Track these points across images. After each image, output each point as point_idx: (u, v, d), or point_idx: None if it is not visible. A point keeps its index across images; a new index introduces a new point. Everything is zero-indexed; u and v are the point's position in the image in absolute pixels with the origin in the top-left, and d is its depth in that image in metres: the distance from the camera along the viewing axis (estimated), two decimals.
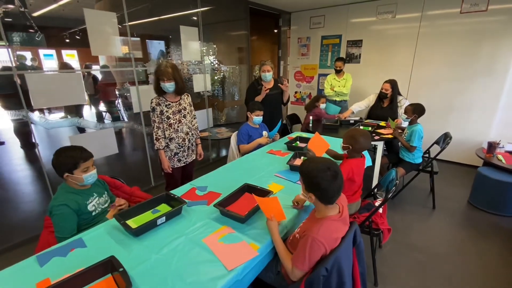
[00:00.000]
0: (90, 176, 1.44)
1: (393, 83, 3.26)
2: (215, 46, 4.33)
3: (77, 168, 1.39)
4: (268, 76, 2.75)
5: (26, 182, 3.17)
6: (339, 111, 3.88)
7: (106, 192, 1.61)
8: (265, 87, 2.74)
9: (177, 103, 2.13)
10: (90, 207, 1.45)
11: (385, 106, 3.41)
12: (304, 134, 2.81)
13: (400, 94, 3.37)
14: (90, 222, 1.45)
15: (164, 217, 1.31)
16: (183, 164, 2.25)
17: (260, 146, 2.53)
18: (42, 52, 3.59)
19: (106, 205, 1.57)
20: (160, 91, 2.06)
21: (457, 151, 3.83)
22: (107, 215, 1.48)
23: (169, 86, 2.00)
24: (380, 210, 1.87)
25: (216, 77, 4.70)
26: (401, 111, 3.27)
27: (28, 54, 3.36)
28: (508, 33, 3.27)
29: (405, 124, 3.04)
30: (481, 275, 1.95)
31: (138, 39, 3.56)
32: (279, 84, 2.85)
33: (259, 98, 2.75)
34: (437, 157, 2.75)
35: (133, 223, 1.30)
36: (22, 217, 2.66)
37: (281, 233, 1.25)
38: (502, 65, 3.37)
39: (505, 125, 3.53)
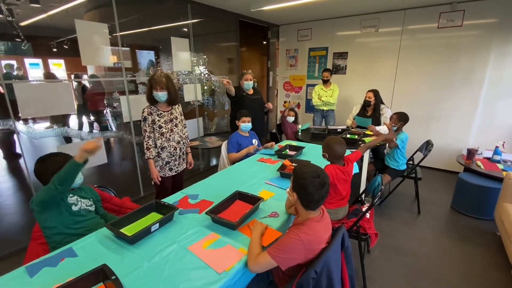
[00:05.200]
0: (77, 177, 1.42)
1: (375, 92, 3.45)
2: (205, 56, 4.40)
3: None
4: (250, 84, 2.96)
5: (9, 194, 3.07)
6: (370, 123, 3.52)
7: (92, 199, 1.56)
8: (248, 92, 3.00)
9: (169, 112, 2.16)
10: (70, 200, 1.41)
11: (369, 114, 3.56)
12: (294, 143, 2.87)
13: (382, 103, 3.53)
14: (75, 220, 1.41)
15: (157, 224, 1.32)
16: (174, 173, 2.26)
17: (249, 155, 2.56)
18: (28, 61, 3.55)
19: (91, 208, 1.52)
20: (152, 100, 2.08)
21: (439, 157, 3.99)
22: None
23: (161, 95, 2.03)
24: (367, 215, 1.93)
25: (206, 87, 4.75)
26: (382, 118, 3.43)
27: (13, 63, 3.31)
28: (482, 46, 3.50)
29: (384, 130, 3.19)
30: (464, 276, 2.03)
31: (128, 49, 3.59)
32: (265, 105, 3.14)
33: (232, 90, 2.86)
34: (421, 164, 2.86)
35: (125, 232, 1.30)
36: (6, 229, 2.57)
37: None
38: (478, 76, 3.59)
39: (483, 133, 3.73)
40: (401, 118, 2.79)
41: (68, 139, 3.23)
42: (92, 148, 1.27)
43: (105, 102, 4.04)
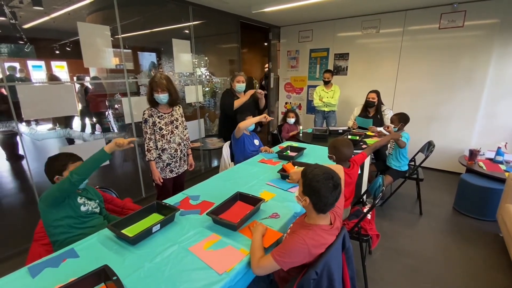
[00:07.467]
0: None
1: (377, 93, 3.46)
2: (206, 58, 4.42)
3: (65, 169, 1.43)
4: (242, 86, 2.88)
5: (12, 195, 3.09)
6: (371, 123, 3.53)
7: (98, 201, 1.59)
8: (242, 95, 2.89)
9: (169, 114, 2.17)
10: (79, 201, 1.47)
11: (371, 115, 3.55)
12: (295, 144, 2.87)
13: (382, 104, 3.54)
14: (82, 220, 1.45)
15: (158, 225, 1.32)
16: (175, 175, 2.27)
17: (254, 152, 2.57)
18: (30, 63, 3.57)
19: (97, 210, 1.56)
20: (153, 102, 2.09)
21: (441, 158, 3.97)
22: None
23: (163, 97, 2.04)
24: (369, 216, 1.92)
25: (207, 88, 4.77)
26: (385, 119, 3.43)
27: (16, 65, 3.33)
28: (483, 46, 3.49)
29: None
30: (466, 277, 2.02)
31: (130, 51, 3.61)
32: (256, 91, 2.97)
33: (241, 101, 2.81)
34: (422, 165, 2.86)
35: (127, 233, 1.31)
36: (9, 230, 2.58)
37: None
38: (479, 77, 3.58)
39: (485, 133, 3.71)
40: (401, 119, 2.79)
41: (70, 141, 3.25)
42: (122, 144, 1.41)
43: (107, 103, 4.06)
